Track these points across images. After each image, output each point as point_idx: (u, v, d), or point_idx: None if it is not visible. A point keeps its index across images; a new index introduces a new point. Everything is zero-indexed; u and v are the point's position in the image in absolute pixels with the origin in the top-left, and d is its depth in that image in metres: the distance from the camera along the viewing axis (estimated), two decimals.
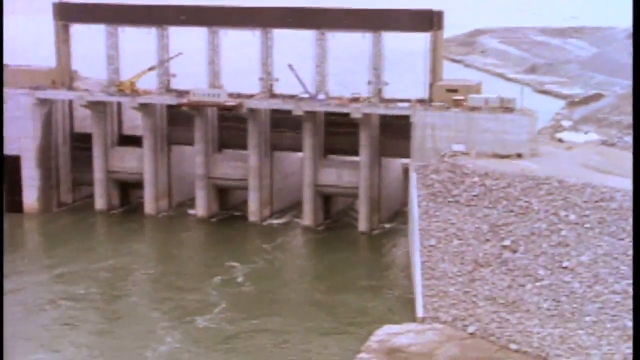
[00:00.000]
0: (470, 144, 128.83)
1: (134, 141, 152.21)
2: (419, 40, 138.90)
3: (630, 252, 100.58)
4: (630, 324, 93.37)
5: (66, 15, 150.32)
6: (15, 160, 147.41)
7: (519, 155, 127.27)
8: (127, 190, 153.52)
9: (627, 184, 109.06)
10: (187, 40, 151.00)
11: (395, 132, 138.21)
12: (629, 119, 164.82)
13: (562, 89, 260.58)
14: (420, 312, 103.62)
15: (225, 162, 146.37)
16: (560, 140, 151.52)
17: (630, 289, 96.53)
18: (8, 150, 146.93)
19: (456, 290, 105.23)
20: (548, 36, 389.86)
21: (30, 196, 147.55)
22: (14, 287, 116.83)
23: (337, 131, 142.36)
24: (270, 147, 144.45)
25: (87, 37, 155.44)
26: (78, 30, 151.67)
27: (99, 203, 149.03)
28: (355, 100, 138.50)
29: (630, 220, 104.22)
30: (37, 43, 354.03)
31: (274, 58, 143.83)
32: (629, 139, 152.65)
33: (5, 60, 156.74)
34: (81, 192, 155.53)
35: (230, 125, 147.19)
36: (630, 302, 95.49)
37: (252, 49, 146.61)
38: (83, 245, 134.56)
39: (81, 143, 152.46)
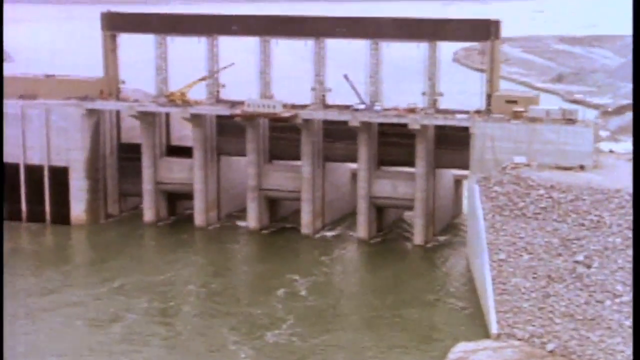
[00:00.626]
0: (531, 155, 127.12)
1: (182, 152, 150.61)
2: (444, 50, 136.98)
3: None
4: None
5: (114, 25, 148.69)
6: (63, 172, 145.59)
7: (582, 167, 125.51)
8: (174, 201, 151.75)
9: None
10: (230, 49, 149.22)
11: (449, 143, 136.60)
12: None
13: (592, 99, 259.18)
14: (494, 329, 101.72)
15: (276, 173, 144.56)
16: (611, 151, 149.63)
17: None
18: (55, 161, 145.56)
19: (530, 306, 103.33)
20: (568, 44, 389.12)
21: (78, 208, 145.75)
22: (75, 300, 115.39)
23: (391, 142, 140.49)
24: (322, 158, 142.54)
25: (126, 46, 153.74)
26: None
27: (148, 215, 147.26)
28: (411, 111, 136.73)
29: None
30: (76, 52, 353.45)
31: (326, 68, 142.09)
32: None
33: (50, 71, 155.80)
34: (127, 203, 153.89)
35: (281, 135, 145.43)
36: None
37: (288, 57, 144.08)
38: (136, 257, 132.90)
39: (128, 154, 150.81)
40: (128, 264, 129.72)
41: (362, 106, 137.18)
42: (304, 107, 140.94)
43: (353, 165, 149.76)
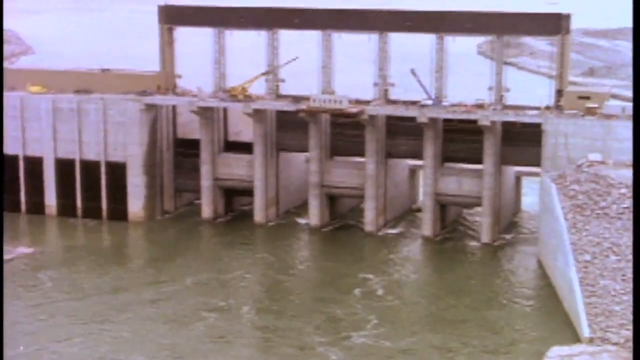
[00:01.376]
0: (606, 153, 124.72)
1: (240, 147, 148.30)
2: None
3: None
4: None
5: (172, 19, 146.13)
6: (121, 167, 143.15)
7: None
8: (230, 197, 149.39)
9: None
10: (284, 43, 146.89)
11: (515, 139, 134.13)
12: None
13: (629, 92, 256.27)
14: (586, 332, 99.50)
15: (338, 169, 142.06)
16: None
17: None
18: (112, 157, 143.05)
19: (623, 310, 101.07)
20: (593, 37, 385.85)
21: (136, 204, 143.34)
22: (149, 298, 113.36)
23: (456, 138, 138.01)
24: (385, 154, 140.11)
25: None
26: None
27: (206, 211, 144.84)
28: (479, 106, 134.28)
29: None
30: (99, 43, 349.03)
31: (390, 63, 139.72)
32: None
33: (106, 65, 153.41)
34: (182, 199, 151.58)
35: (342, 132, 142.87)
36: None
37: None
38: (201, 255, 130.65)
39: (184, 149, 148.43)
40: (193, 261, 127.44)
41: (430, 102, 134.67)
42: (367, 102, 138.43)
43: (412, 162, 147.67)
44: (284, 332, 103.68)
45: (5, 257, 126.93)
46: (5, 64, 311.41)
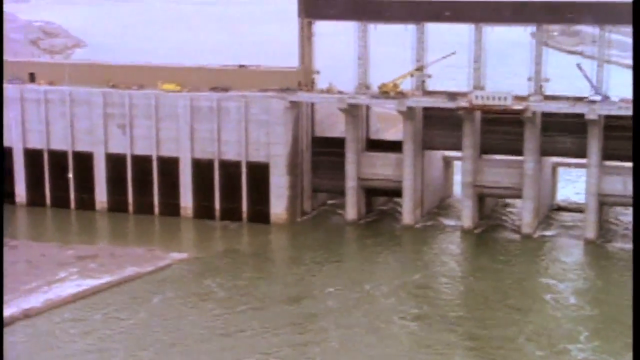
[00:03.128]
0: None
1: (382, 146, 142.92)
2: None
3: None
4: None
5: (312, 12, 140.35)
6: (263, 168, 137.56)
7: None
8: (370, 198, 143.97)
9: None
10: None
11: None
12: None
13: None
14: None
15: (491, 168, 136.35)
16: None
17: None
18: (254, 157, 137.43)
19: None
20: None
21: (279, 205, 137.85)
22: (337, 305, 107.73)
23: (616, 135, 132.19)
24: (541, 152, 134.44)
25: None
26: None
27: (350, 213, 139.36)
28: None
29: None
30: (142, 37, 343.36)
31: (547, 58, 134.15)
32: None
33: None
34: (317, 199, 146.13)
35: (492, 129, 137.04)
36: None
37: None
38: (365, 259, 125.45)
39: (322, 148, 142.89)
40: (358, 266, 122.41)
41: (598, 97, 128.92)
42: (522, 98, 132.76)
43: (556, 159, 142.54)
44: (497, 340, 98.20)
45: (160, 263, 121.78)
46: (60, 57, 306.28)
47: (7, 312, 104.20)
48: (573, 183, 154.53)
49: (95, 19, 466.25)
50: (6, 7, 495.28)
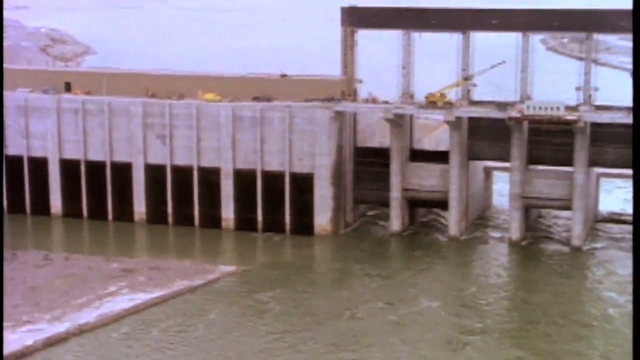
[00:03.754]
0: None
1: (425, 156, 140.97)
2: None
3: None
4: None
5: (356, 21, 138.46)
6: (307, 179, 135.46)
7: None
8: (412, 209, 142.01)
9: None
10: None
11: None
12: None
13: None
14: None
15: (539, 180, 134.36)
16: None
17: None
18: (297, 167, 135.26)
19: None
20: None
21: (323, 217, 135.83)
22: (397, 320, 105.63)
23: None
24: (590, 163, 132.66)
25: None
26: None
27: (395, 224, 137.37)
28: None
29: None
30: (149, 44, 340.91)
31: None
32: None
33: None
34: (358, 210, 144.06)
35: (539, 139, 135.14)
36: None
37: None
38: (417, 271, 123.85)
39: (363, 158, 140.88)
40: (411, 279, 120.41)
41: None
42: (572, 109, 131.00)
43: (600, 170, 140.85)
44: (571, 357, 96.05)
45: (210, 276, 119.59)
46: (72, 64, 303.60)
47: (61, 328, 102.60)
48: (612, 193, 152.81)
49: (96, 25, 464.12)
50: (8, 14, 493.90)
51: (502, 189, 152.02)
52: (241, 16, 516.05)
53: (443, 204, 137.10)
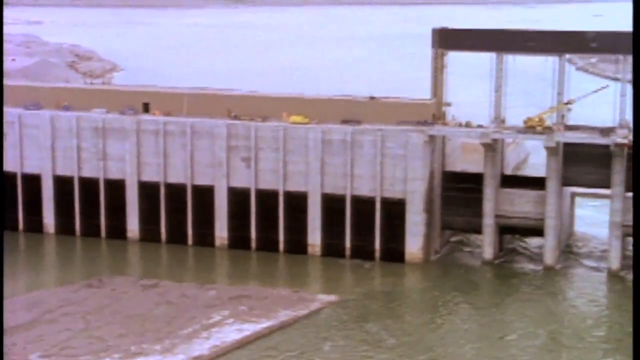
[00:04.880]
0: None
1: (517, 182, 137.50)
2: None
3: None
4: None
5: (448, 43, 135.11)
6: (398, 204, 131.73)
7: None
8: (502, 236, 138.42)
9: None
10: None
11: None
12: None
13: None
14: None
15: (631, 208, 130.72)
16: None
17: None
18: (388, 192, 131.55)
19: None
20: None
21: (414, 244, 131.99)
22: (518, 355, 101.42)
23: None
24: None
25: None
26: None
27: (488, 251, 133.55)
28: None
29: None
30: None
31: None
32: None
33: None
34: (444, 237, 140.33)
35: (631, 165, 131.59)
36: None
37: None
38: (523, 303, 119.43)
39: (453, 183, 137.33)
40: (518, 310, 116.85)
41: None
42: None
43: None
44: None
45: (311, 305, 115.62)
46: (99, 81, 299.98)
47: None
48: None
49: (116, 41, 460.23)
50: (24, 29, 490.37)
51: (583, 215, 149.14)
52: (261, 33, 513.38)
53: (536, 232, 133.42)
